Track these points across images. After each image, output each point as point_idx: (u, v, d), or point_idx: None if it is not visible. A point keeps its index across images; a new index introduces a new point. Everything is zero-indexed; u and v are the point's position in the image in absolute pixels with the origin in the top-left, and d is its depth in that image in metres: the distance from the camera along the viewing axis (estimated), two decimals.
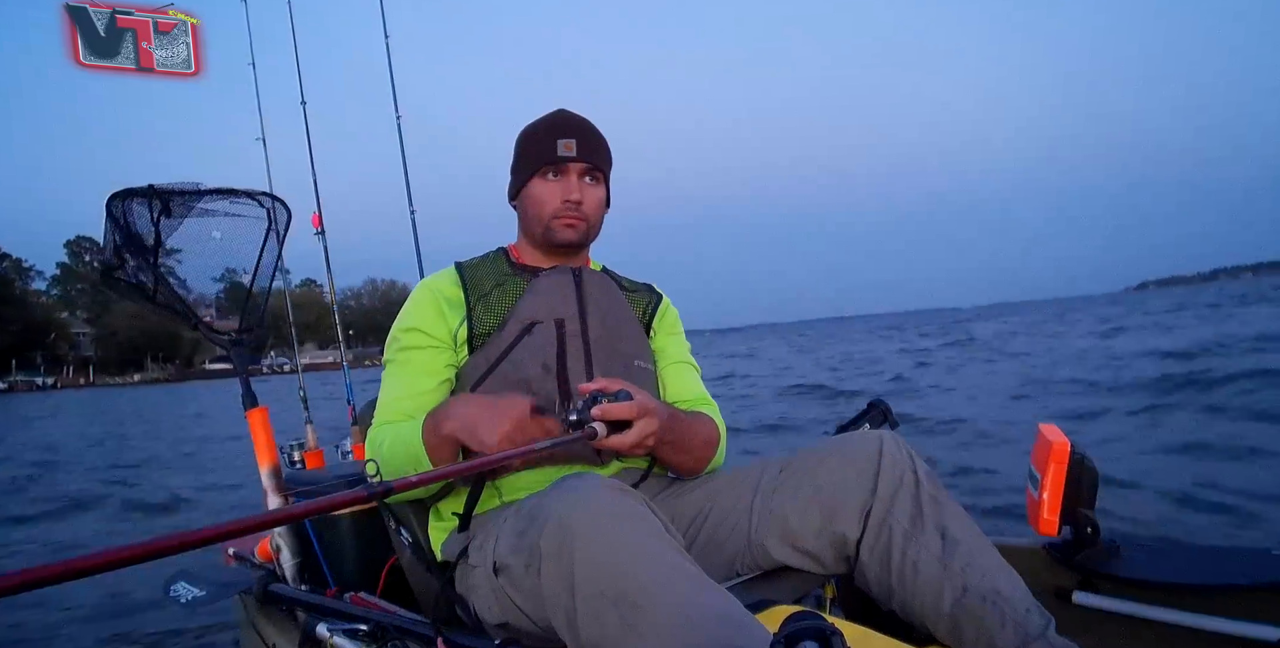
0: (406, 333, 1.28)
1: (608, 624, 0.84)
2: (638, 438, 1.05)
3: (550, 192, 1.29)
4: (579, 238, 1.31)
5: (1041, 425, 1.39)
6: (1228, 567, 1.22)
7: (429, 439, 1.12)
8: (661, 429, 1.09)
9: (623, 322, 1.33)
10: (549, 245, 1.32)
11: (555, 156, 1.28)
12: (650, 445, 1.10)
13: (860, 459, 1.13)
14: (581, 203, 1.28)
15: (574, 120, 1.32)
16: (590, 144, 1.30)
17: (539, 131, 1.31)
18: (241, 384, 1.82)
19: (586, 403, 1.04)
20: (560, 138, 1.29)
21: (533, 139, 1.31)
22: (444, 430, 1.10)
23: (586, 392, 1.06)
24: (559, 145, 1.28)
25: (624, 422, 1.05)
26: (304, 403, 2.57)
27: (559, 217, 1.29)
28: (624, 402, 1.04)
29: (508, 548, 1.01)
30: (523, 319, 1.26)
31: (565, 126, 1.30)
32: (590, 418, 1.03)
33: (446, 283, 1.32)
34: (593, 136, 1.31)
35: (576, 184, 1.28)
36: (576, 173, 1.29)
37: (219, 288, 1.89)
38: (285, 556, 1.75)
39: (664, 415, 1.11)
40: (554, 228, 1.29)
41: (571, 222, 1.29)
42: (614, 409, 1.03)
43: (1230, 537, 3.13)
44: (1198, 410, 6.31)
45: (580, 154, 1.28)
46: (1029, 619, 0.99)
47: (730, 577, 1.18)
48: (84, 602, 3.44)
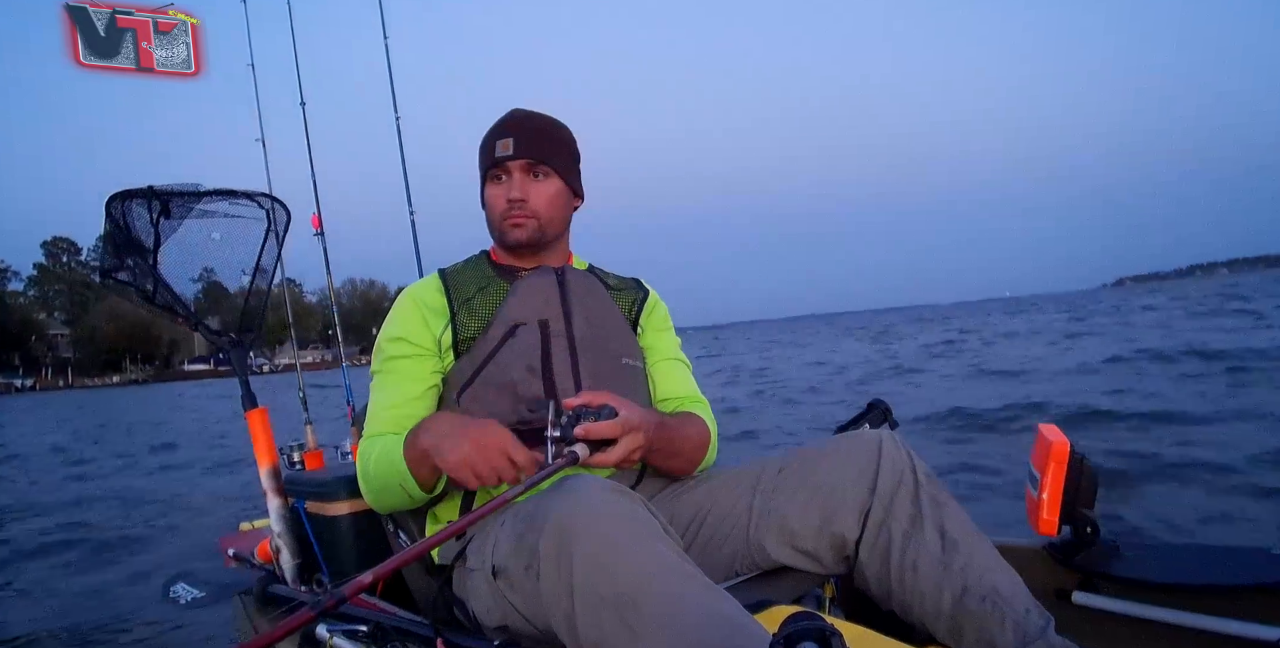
0: (391, 343, 1.28)
1: (607, 626, 0.84)
2: (622, 456, 1.04)
3: (497, 194, 1.29)
4: (529, 236, 1.29)
5: (1041, 426, 1.39)
6: (1228, 567, 1.22)
7: (409, 454, 1.12)
8: (650, 439, 1.09)
9: (608, 320, 1.32)
10: (505, 247, 1.33)
11: (494, 158, 1.28)
12: (636, 460, 1.09)
13: (859, 459, 1.13)
14: (526, 200, 1.27)
15: (515, 119, 1.31)
16: (529, 140, 1.28)
17: (486, 136, 1.32)
18: (241, 385, 1.82)
19: (570, 419, 1.03)
20: (498, 139, 1.29)
21: (482, 144, 1.32)
22: (421, 445, 1.10)
23: (571, 407, 1.05)
24: (497, 147, 1.28)
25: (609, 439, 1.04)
26: (303, 404, 2.58)
27: (506, 218, 1.28)
28: (607, 421, 1.03)
29: (506, 551, 1.01)
30: (506, 322, 1.25)
31: (504, 127, 1.30)
32: (574, 436, 1.01)
33: (429, 290, 1.32)
34: (533, 132, 1.30)
35: (519, 182, 1.28)
36: (519, 170, 1.28)
37: (197, 288, 1.88)
38: (285, 557, 1.75)
39: (651, 427, 1.10)
40: (504, 229, 1.29)
41: (517, 220, 1.28)
42: (597, 429, 1.02)
43: (1230, 537, 3.13)
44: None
45: (517, 152, 1.27)
46: (1029, 619, 0.99)
47: (729, 577, 1.18)
48: (84, 602, 3.44)
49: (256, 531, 2.24)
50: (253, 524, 2.38)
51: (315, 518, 1.71)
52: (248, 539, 2.10)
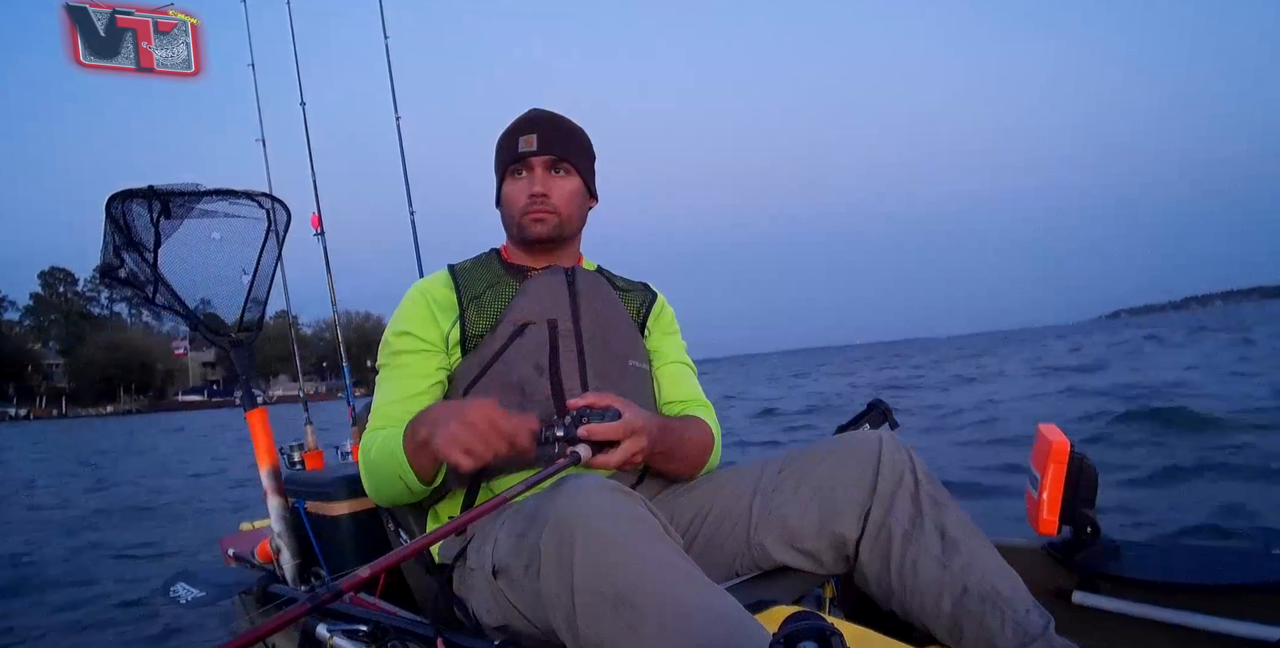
0: (398, 337, 1.28)
1: (607, 625, 0.84)
2: (624, 458, 1.04)
3: (518, 189, 1.29)
4: (550, 231, 1.29)
5: (1041, 426, 1.39)
6: (1228, 567, 1.22)
7: (408, 445, 1.12)
8: (652, 442, 1.08)
9: (616, 321, 1.32)
10: (524, 243, 1.32)
11: (517, 154, 1.28)
12: (638, 463, 1.09)
13: (859, 460, 1.13)
14: (548, 195, 1.28)
15: (537, 116, 1.32)
16: (553, 137, 1.29)
17: (506, 133, 1.32)
18: (241, 385, 1.82)
19: (574, 420, 1.03)
20: (521, 135, 1.29)
21: (501, 142, 1.33)
22: (419, 436, 1.09)
23: (575, 408, 1.05)
24: (520, 143, 1.29)
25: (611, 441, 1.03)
26: (303, 404, 2.58)
27: (527, 212, 1.28)
28: (610, 422, 1.02)
29: (507, 550, 1.01)
30: (515, 320, 1.25)
31: (527, 124, 1.31)
32: (576, 436, 1.01)
33: (438, 285, 1.32)
34: (556, 129, 1.31)
35: (541, 177, 1.28)
36: (541, 166, 1.28)
37: (197, 289, 1.87)
38: (285, 556, 1.75)
39: (654, 430, 1.10)
40: (524, 224, 1.29)
41: (539, 215, 1.28)
42: (599, 430, 1.02)
43: (1230, 536, 3.12)
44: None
45: (541, 148, 1.28)
46: (1029, 619, 0.99)
47: (729, 577, 1.18)
48: (83, 602, 3.44)
49: (256, 531, 2.24)
50: (253, 524, 2.38)
51: (315, 518, 1.71)
52: (248, 539, 2.10)
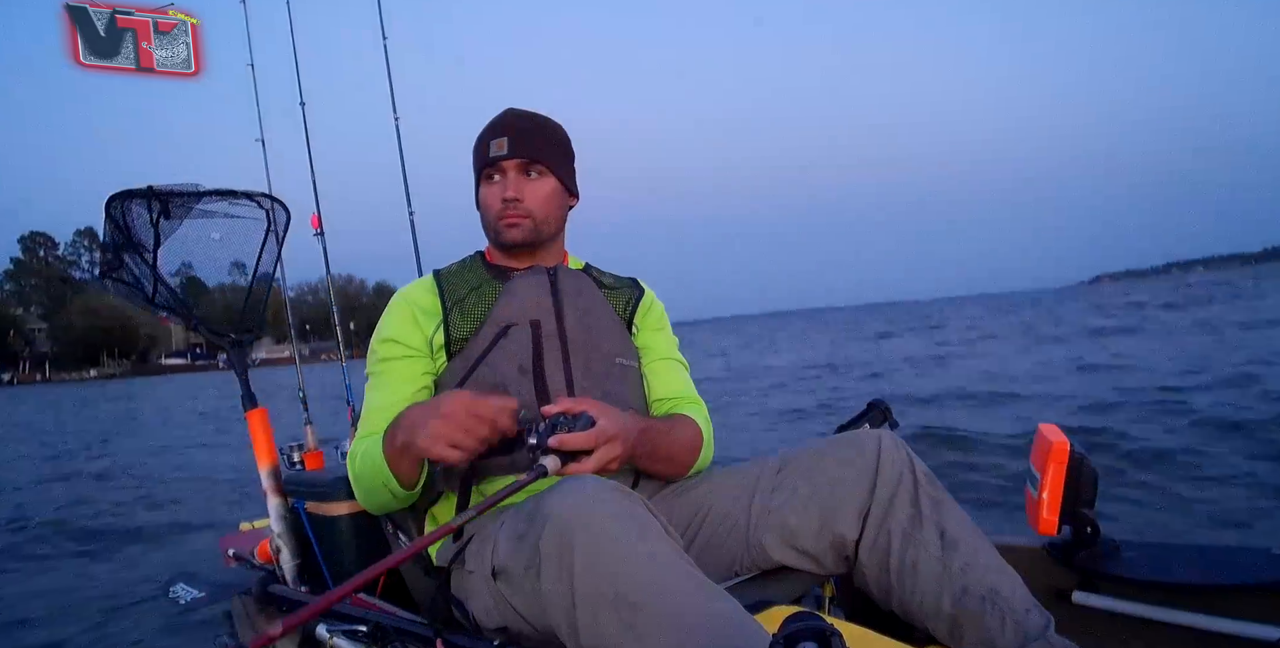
0: (383, 344, 1.28)
1: (607, 626, 0.84)
2: (597, 467, 1.02)
3: (492, 194, 1.29)
4: (525, 236, 1.29)
5: (1041, 425, 1.39)
6: (1228, 567, 1.22)
7: (387, 451, 1.12)
8: (629, 448, 1.08)
9: (601, 319, 1.32)
10: (501, 247, 1.32)
11: (488, 158, 1.28)
12: (615, 469, 1.07)
13: (859, 459, 1.13)
14: (521, 200, 1.27)
15: (508, 119, 1.31)
16: (524, 139, 1.28)
17: (479, 136, 1.32)
18: (241, 385, 1.82)
19: (548, 428, 1.01)
20: (492, 139, 1.29)
21: (475, 145, 1.32)
22: (397, 441, 1.09)
23: (549, 415, 1.04)
24: (491, 146, 1.28)
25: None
26: (303, 404, 2.57)
27: (501, 217, 1.28)
28: (581, 432, 1.01)
29: (506, 551, 1.01)
30: (498, 322, 1.25)
31: (498, 127, 1.30)
32: (548, 446, 1.00)
33: (421, 292, 1.32)
34: (528, 131, 1.30)
35: (514, 181, 1.27)
36: (513, 170, 1.28)
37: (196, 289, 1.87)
38: (285, 557, 1.75)
39: (632, 435, 1.09)
40: (500, 229, 1.29)
41: (513, 220, 1.28)
42: (571, 440, 1.00)
43: (1230, 537, 3.12)
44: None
45: (511, 151, 1.27)
46: (1028, 619, 0.99)
47: (729, 577, 1.18)
48: (83, 602, 3.44)
49: (256, 530, 2.23)
50: (253, 524, 2.38)
51: (315, 518, 1.71)
52: (248, 539, 2.10)
